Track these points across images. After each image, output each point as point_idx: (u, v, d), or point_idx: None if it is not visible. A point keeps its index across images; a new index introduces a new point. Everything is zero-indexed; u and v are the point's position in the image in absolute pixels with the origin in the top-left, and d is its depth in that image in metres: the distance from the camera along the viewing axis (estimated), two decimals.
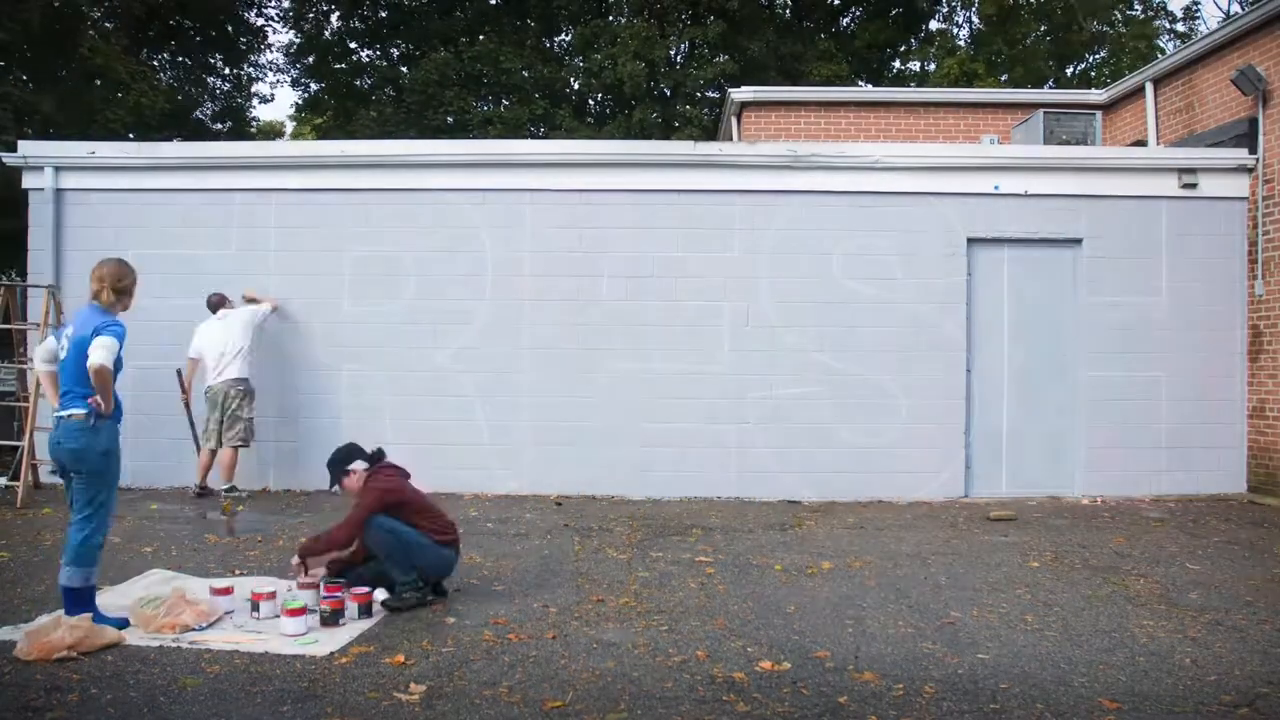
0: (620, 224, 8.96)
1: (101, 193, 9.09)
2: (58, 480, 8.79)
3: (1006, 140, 11.26)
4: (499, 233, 8.98)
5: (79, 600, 4.51)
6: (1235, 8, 23.15)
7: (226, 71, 24.74)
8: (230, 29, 23.51)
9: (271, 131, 29.55)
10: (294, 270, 9.02)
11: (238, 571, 5.86)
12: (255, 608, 4.82)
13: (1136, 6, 24.84)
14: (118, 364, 4.62)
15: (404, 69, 24.76)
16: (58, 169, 9.03)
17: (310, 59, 25.13)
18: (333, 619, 4.70)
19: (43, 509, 7.82)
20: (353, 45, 25.64)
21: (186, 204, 9.08)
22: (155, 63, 22.98)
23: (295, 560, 5.18)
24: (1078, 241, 8.98)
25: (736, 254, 8.93)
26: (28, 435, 8.06)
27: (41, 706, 3.67)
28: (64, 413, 4.61)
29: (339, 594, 4.81)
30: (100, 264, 4.83)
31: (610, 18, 22.55)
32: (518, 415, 8.91)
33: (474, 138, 19.25)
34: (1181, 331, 8.92)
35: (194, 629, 4.58)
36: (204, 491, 8.44)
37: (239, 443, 8.39)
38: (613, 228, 8.96)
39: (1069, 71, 24.85)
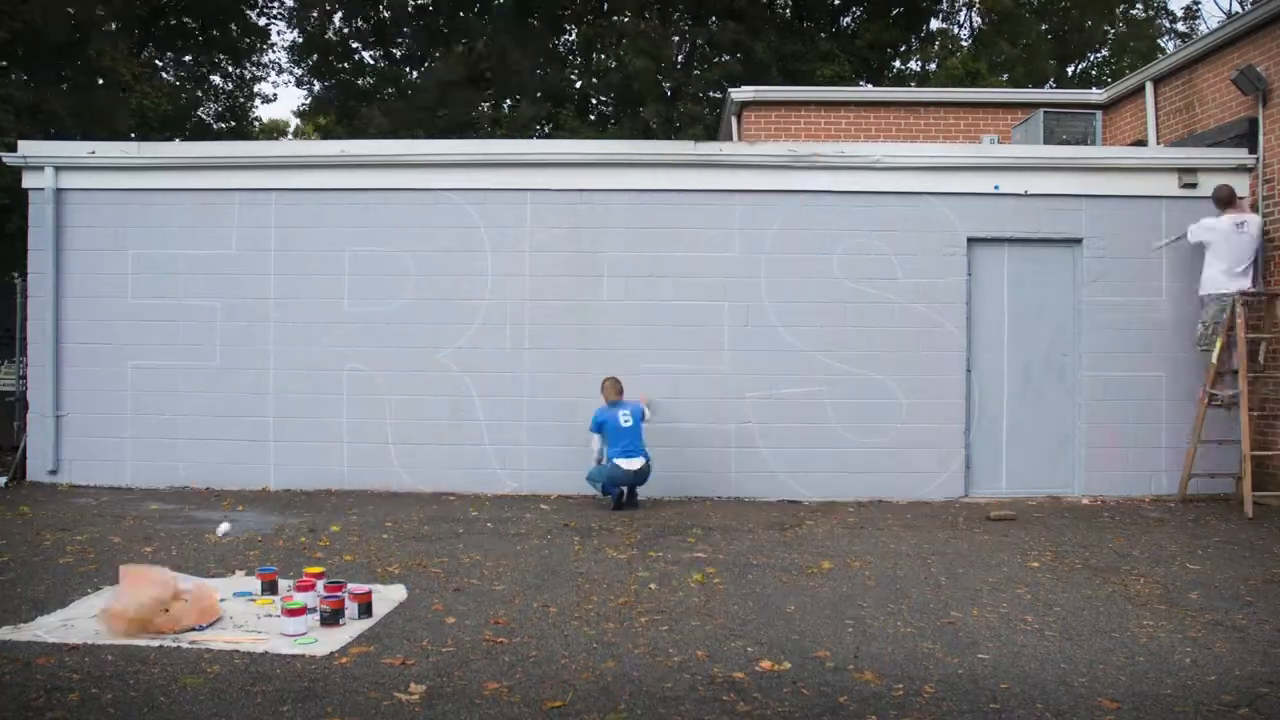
0: (620, 224, 8.96)
1: (101, 193, 9.10)
2: (58, 480, 8.90)
3: (1006, 140, 11.26)
4: (499, 233, 8.98)
5: None
6: (1235, 8, 23.16)
7: (230, 71, 24.74)
8: (234, 28, 23.50)
9: (275, 131, 29.57)
10: (294, 270, 9.03)
11: (238, 571, 5.86)
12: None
13: (1137, 6, 24.84)
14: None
15: (407, 68, 24.78)
16: (58, 169, 9.03)
17: (313, 59, 25.15)
18: (333, 619, 4.70)
19: (40, 508, 7.83)
20: (355, 45, 25.65)
21: (186, 204, 9.09)
22: (159, 62, 22.99)
23: None
24: (1078, 241, 8.98)
25: (736, 254, 8.93)
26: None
27: (41, 706, 3.67)
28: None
29: (339, 594, 4.81)
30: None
31: (614, 18, 22.55)
32: (518, 415, 8.92)
33: (477, 137, 19.25)
34: (1181, 331, 8.91)
35: (194, 629, 4.59)
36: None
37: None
38: (613, 228, 8.96)
39: (1069, 71, 24.85)
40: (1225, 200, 8.53)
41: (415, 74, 24.01)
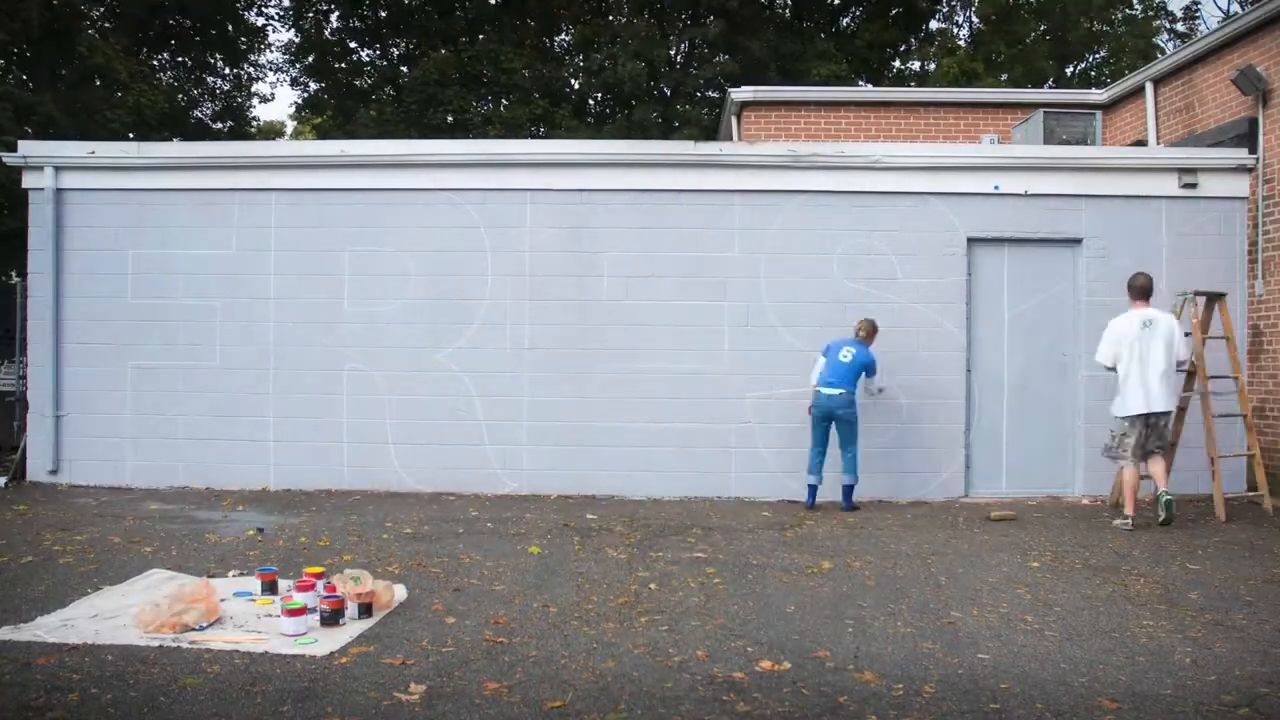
0: (620, 224, 8.96)
1: (101, 193, 9.10)
2: (58, 480, 8.90)
3: (1006, 140, 11.27)
4: (499, 233, 8.98)
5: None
6: (1235, 8, 23.16)
7: (226, 71, 24.73)
8: (230, 28, 23.50)
9: (272, 131, 29.55)
10: (294, 270, 9.03)
11: (237, 571, 5.86)
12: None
13: (1136, 6, 24.83)
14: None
15: (404, 68, 24.77)
16: (58, 169, 9.03)
17: (310, 58, 25.14)
18: (333, 619, 4.70)
19: (40, 508, 7.83)
20: (352, 45, 25.64)
21: (186, 204, 9.09)
22: (155, 62, 22.98)
23: None
24: (1078, 241, 8.98)
25: (736, 254, 8.93)
26: None
27: (41, 706, 3.67)
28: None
29: (338, 594, 4.81)
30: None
31: (610, 17, 22.55)
32: (518, 415, 8.92)
33: (474, 138, 19.25)
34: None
35: (194, 629, 4.58)
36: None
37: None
38: (613, 228, 8.96)
39: (1069, 71, 24.83)
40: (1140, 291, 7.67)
41: (407, 70, 23.98)
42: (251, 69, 25.22)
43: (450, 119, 21.96)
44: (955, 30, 26.52)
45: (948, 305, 8.89)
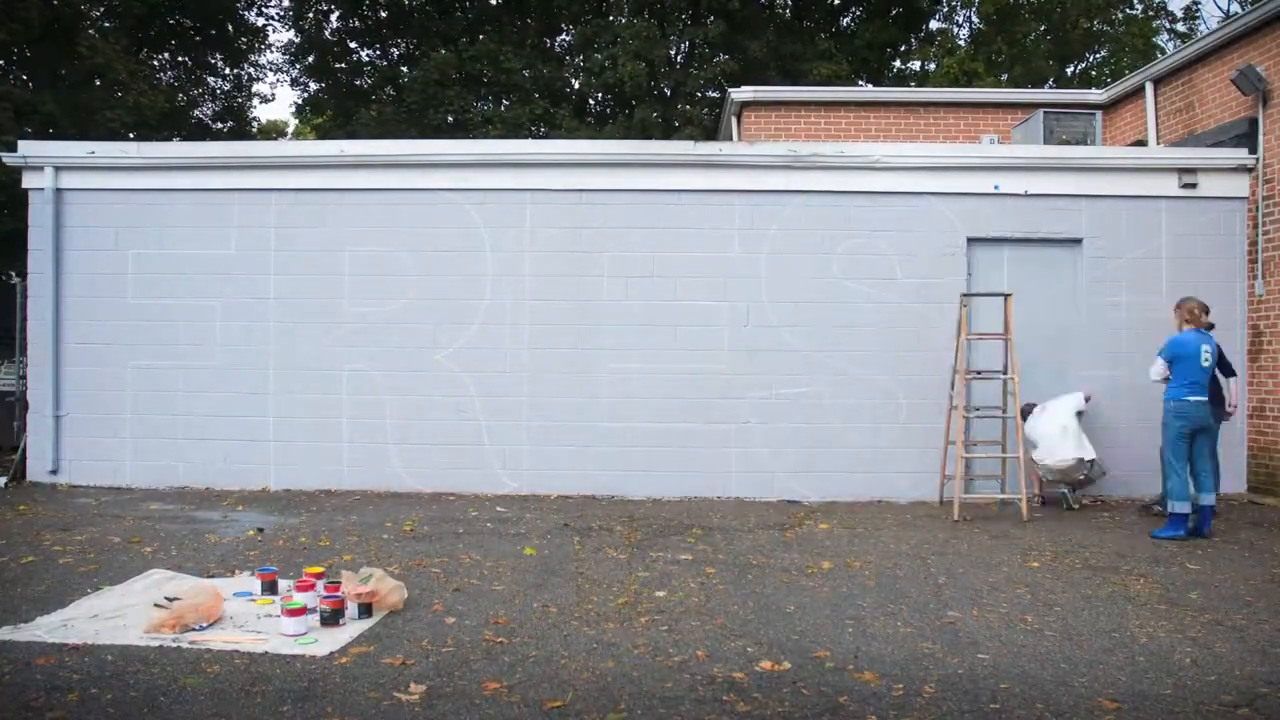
0: (620, 224, 8.96)
1: (101, 193, 9.10)
2: (58, 480, 8.89)
3: (1006, 140, 11.26)
4: (499, 233, 8.99)
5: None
6: (1235, 8, 23.15)
7: (227, 71, 24.73)
8: (230, 28, 23.49)
9: (273, 131, 29.53)
10: (294, 270, 9.03)
11: (238, 571, 5.86)
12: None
13: (1136, 6, 24.83)
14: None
15: (404, 68, 24.76)
16: (58, 169, 9.03)
17: (310, 59, 25.12)
18: (333, 619, 4.70)
19: (40, 508, 7.83)
20: (353, 45, 25.62)
21: (186, 204, 9.09)
22: (155, 62, 22.98)
23: None
24: (1078, 241, 8.98)
25: (736, 254, 8.94)
26: None
27: (41, 706, 3.67)
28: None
29: (339, 594, 4.81)
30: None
31: (610, 17, 22.54)
32: (518, 415, 8.92)
33: (474, 138, 19.25)
34: None
35: (194, 629, 4.58)
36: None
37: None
38: (612, 228, 8.96)
39: (1069, 71, 24.84)
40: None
41: (408, 70, 23.98)
42: (252, 69, 25.23)
43: (450, 119, 21.94)
44: (955, 30, 26.55)
45: (948, 305, 8.88)
